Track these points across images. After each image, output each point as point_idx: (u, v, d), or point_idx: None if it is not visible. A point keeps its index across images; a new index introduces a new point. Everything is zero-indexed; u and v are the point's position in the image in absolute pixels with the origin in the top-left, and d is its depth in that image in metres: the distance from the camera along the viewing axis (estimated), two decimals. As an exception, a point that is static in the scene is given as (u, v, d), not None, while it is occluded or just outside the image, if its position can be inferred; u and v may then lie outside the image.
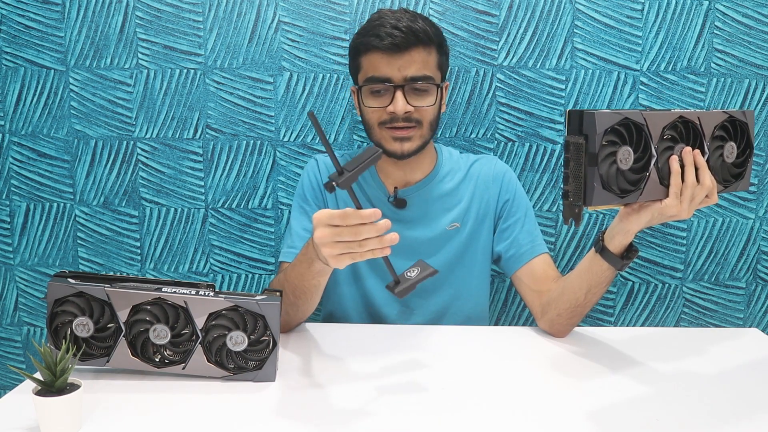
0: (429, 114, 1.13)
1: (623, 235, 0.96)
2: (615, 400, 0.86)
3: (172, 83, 1.41)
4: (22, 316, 1.51)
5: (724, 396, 0.88)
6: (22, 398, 0.85)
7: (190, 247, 1.47)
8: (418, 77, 1.10)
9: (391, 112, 1.11)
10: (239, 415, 0.82)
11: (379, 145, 1.16)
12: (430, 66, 1.13)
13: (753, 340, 1.10)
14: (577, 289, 1.04)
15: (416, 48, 1.10)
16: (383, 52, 1.09)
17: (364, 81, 1.13)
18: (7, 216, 1.47)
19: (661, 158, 0.86)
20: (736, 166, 0.94)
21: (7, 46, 1.40)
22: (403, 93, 1.10)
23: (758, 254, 1.47)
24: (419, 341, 1.08)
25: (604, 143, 0.81)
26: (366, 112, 1.15)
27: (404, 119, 1.11)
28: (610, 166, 0.82)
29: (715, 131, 0.90)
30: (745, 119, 0.93)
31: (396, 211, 1.21)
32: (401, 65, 1.09)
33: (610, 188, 0.82)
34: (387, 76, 1.10)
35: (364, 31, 1.12)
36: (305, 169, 1.27)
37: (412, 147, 1.14)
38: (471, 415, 0.82)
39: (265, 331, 0.90)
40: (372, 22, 1.12)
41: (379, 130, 1.14)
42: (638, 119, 0.82)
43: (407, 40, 1.08)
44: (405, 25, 1.08)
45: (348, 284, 1.23)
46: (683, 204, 0.88)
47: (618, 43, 1.39)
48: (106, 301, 0.89)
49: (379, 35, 1.08)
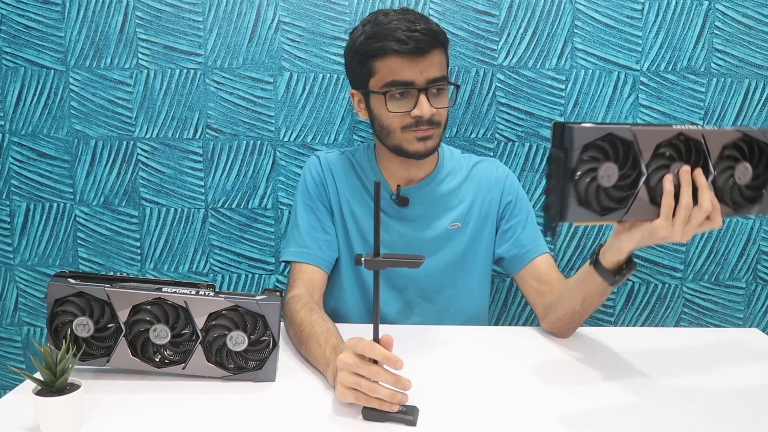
0: (445, 115, 1.14)
1: (615, 252, 0.93)
2: (615, 400, 0.86)
3: (172, 83, 1.41)
4: (22, 316, 1.51)
5: (724, 396, 0.88)
6: (22, 398, 0.85)
7: (190, 247, 1.47)
8: (438, 78, 1.10)
9: (417, 116, 1.09)
10: (239, 415, 0.82)
11: (398, 148, 1.14)
12: (444, 66, 1.13)
13: (753, 340, 1.10)
14: (574, 298, 1.04)
15: (435, 49, 1.09)
16: (405, 56, 1.07)
17: (384, 86, 1.10)
18: (7, 216, 1.47)
19: (654, 176, 0.80)
20: (752, 188, 0.85)
21: (7, 46, 1.40)
22: (426, 96, 1.09)
23: (758, 254, 1.47)
24: (419, 341, 1.08)
25: (585, 158, 0.77)
26: (386, 117, 1.12)
27: (428, 122, 1.10)
28: (589, 183, 0.78)
29: (724, 150, 0.82)
30: (765, 139, 0.84)
31: (398, 209, 1.21)
32: (423, 68, 1.08)
33: (589, 205, 0.79)
34: (410, 80, 1.08)
35: (378, 36, 1.08)
36: (307, 166, 1.25)
37: (433, 145, 1.14)
38: (471, 415, 0.82)
39: (265, 331, 0.90)
40: (382, 26, 1.09)
41: (402, 133, 1.12)
42: (626, 135, 0.78)
43: (430, 42, 1.07)
44: (423, 27, 1.07)
45: (350, 284, 1.23)
46: (675, 226, 0.82)
47: (618, 43, 1.39)
48: (106, 301, 0.89)
49: (400, 39, 1.06)
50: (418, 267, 0.80)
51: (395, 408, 0.80)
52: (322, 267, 1.19)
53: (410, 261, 0.80)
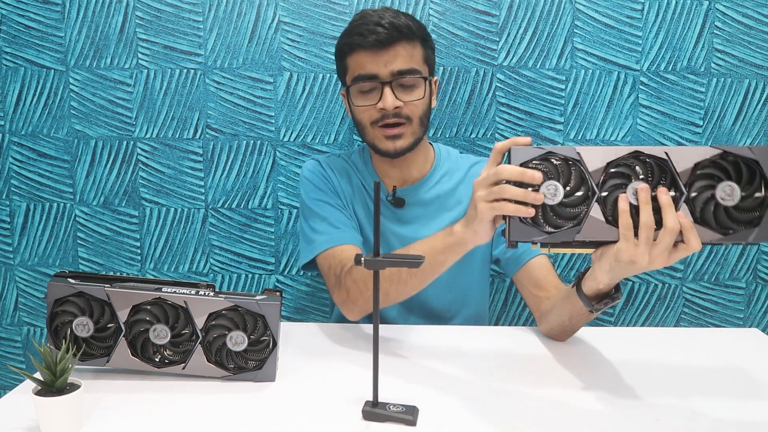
0: (418, 109, 1.13)
1: (592, 281, 0.91)
2: (615, 400, 0.86)
3: (172, 83, 1.41)
4: (22, 316, 1.51)
5: (724, 396, 0.88)
6: (22, 398, 0.85)
7: (190, 247, 1.47)
8: (404, 71, 1.10)
9: (381, 108, 1.10)
10: (239, 415, 0.82)
11: (372, 146, 1.16)
12: (416, 60, 1.12)
13: (753, 340, 1.10)
14: (561, 314, 1.03)
15: (400, 42, 1.09)
16: (368, 49, 1.09)
17: (351, 81, 1.13)
18: (7, 216, 1.47)
19: (611, 196, 0.78)
20: (746, 210, 0.78)
21: (7, 46, 1.40)
22: (391, 88, 1.10)
23: (758, 254, 1.47)
24: (419, 341, 1.08)
25: None
26: (357, 113, 1.14)
27: (394, 115, 1.11)
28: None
29: (698, 169, 0.77)
30: (754, 156, 0.76)
31: (394, 210, 1.21)
32: (387, 61, 1.09)
33: (535, 223, 0.79)
34: (373, 73, 1.10)
35: (348, 32, 1.12)
36: (307, 169, 1.24)
37: (404, 144, 1.13)
38: (470, 415, 0.82)
39: (265, 331, 0.90)
40: (354, 22, 1.12)
41: (372, 129, 1.13)
42: (569, 153, 0.78)
43: (390, 35, 1.08)
44: (387, 21, 1.08)
45: None
46: (640, 248, 0.77)
47: (618, 43, 1.39)
48: (106, 301, 0.89)
49: (362, 33, 1.08)
50: (418, 267, 0.80)
51: (531, 212, 0.79)
52: (358, 245, 1.16)
53: (410, 261, 0.80)
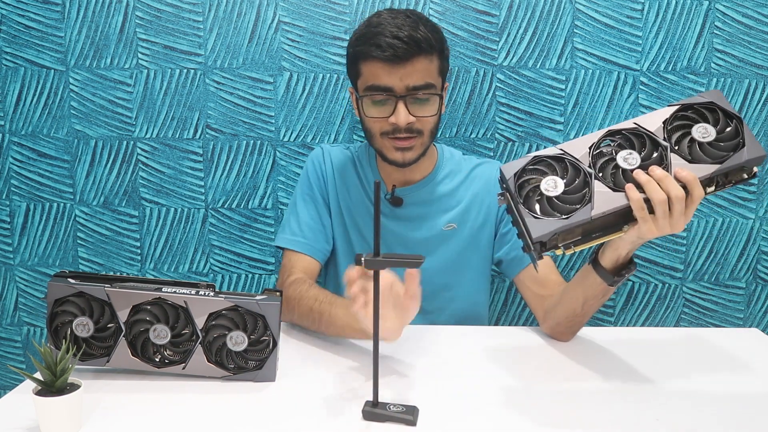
0: (430, 123, 1.12)
1: (613, 251, 0.93)
2: (615, 400, 0.86)
3: (172, 83, 1.41)
4: (22, 316, 1.51)
5: (724, 396, 0.88)
6: (22, 398, 0.85)
7: (190, 247, 1.47)
8: (420, 86, 1.08)
9: (393, 123, 1.09)
10: (239, 415, 0.82)
11: (380, 153, 1.16)
12: (432, 73, 1.10)
13: (753, 340, 1.10)
14: (574, 300, 1.03)
15: (418, 57, 1.07)
16: (384, 61, 1.06)
17: (364, 90, 1.10)
18: (7, 216, 1.47)
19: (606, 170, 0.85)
20: (727, 139, 0.85)
21: (7, 46, 1.40)
22: (405, 104, 1.08)
23: (758, 254, 1.47)
24: (419, 341, 1.08)
25: (523, 183, 0.85)
26: (367, 121, 1.13)
27: (406, 130, 1.10)
28: (539, 199, 0.84)
29: (668, 125, 0.85)
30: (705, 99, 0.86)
31: (393, 209, 1.21)
32: (403, 75, 1.07)
33: (549, 214, 0.83)
34: (388, 86, 1.07)
35: (364, 38, 1.08)
36: (310, 156, 1.27)
37: (413, 156, 1.13)
38: (470, 415, 0.82)
39: (265, 331, 0.90)
40: (372, 28, 1.08)
41: (381, 139, 1.13)
42: (552, 152, 0.86)
43: (409, 50, 1.05)
44: (406, 34, 1.05)
45: None
46: (659, 221, 0.82)
47: (618, 43, 1.39)
48: (106, 301, 0.89)
49: (380, 45, 1.05)
50: (418, 267, 0.80)
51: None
52: (317, 258, 1.21)
53: (410, 261, 0.80)
